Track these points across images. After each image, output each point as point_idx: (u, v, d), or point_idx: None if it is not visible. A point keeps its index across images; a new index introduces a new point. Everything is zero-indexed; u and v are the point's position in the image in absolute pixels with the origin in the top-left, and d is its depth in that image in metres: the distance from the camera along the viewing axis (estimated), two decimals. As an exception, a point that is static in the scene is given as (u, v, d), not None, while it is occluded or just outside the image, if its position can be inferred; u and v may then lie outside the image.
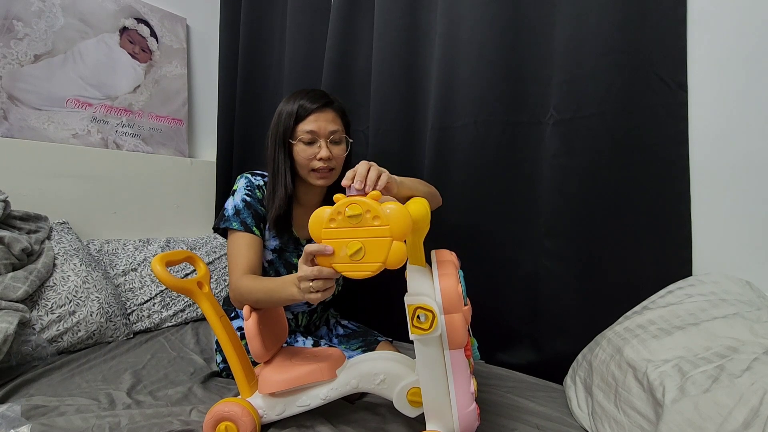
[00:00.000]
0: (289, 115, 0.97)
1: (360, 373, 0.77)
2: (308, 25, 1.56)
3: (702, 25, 0.90)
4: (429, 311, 0.65)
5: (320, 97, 0.99)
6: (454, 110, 1.20)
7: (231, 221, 0.98)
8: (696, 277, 0.89)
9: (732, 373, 0.63)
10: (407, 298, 0.67)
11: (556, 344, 1.08)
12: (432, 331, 0.65)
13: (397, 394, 0.75)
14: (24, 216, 1.22)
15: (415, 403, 0.74)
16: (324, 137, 0.97)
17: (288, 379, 0.78)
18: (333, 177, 1.01)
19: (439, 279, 0.68)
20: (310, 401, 0.79)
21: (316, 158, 0.96)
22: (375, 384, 0.76)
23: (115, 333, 1.24)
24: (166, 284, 0.77)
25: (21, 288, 1.06)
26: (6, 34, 1.35)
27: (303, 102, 0.97)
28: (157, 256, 0.79)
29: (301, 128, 0.97)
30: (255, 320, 0.79)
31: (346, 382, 0.78)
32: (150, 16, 1.70)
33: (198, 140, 1.93)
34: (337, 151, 0.99)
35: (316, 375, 0.78)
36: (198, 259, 0.88)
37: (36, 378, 0.99)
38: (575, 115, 1.02)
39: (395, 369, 0.77)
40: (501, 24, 1.12)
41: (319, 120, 0.96)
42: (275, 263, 1.04)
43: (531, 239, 1.12)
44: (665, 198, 0.94)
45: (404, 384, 0.74)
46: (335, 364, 0.80)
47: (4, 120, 1.35)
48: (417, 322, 0.65)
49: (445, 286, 0.67)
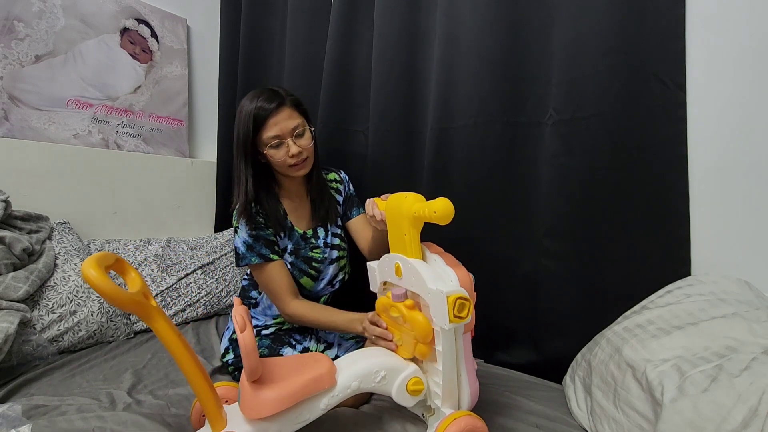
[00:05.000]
0: (246, 127, 1.00)
1: (359, 373, 0.74)
2: (308, 25, 1.57)
3: (701, 25, 0.91)
4: (466, 300, 0.69)
5: (272, 98, 1.00)
6: (454, 110, 1.20)
7: (249, 258, 1.03)
8: (695, 277, 0.89)
9: (731, 373, 0.63)
10: (444, 290, 0.68)
11: (556, 344, 1.09)
12: (467, 319, 0.70)
13: (398, 387, 0.75)
14: (25, 216, 1.23)
15: (416, 392, 0.75)
16: (288, 136, 1.01)
17: (288, 395, 0.67)
18: (309, 164, 1.07)
19: (454, 270, 0.73)
20: (309, 415, 0.70)
21: (289, 156, 1.01)
22: (376, 382, 0.75)
23: (116, 333, 1.24)
24: (109, 298, 0.57)
25: (22, 288, 1.06)
26: (7, 34, 1.35)
27: (257, 109, 0.99)
28: (89, 258, 0.58)
29: (265, 136, 1.00)
30: (251, 331, 0.66)
31: (346, 386, 0.73)
32: (150, 17, 1.70)
33: (198, 140, 1.93)
34: (303, 143, 1.03)
35: (317, 385, 0.70)
36: (129, 267, 0.68)
37: (37, 377, 0.99)
38: (574, 116, 1.02)
39: (392, 363, 0.77)
40: (501, 24, 1.12)
41: (278, 122, 0.99)
42: (296, 264, 1.09)
43: (531, 239, 1.12)
44: (664, 198, 0.94)
45: (404, 376, 0.75)
46: (332, 369, 0.73)
47: (5, 120, 1.35)
48: (456, 312, 0.68)
49: (463, 277, 0.73)
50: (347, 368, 0.75)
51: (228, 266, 1.63)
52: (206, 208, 1.89)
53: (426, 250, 0.79)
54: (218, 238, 1.71)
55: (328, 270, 1.14)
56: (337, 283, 1.17)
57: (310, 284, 1.11)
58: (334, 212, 1.19)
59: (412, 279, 0.76)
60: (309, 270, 1.10)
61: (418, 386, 0.75)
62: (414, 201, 0.75)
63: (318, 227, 1.16)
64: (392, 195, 0.83)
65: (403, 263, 0.78)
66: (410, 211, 0.74)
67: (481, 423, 0.74)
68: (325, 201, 1.17)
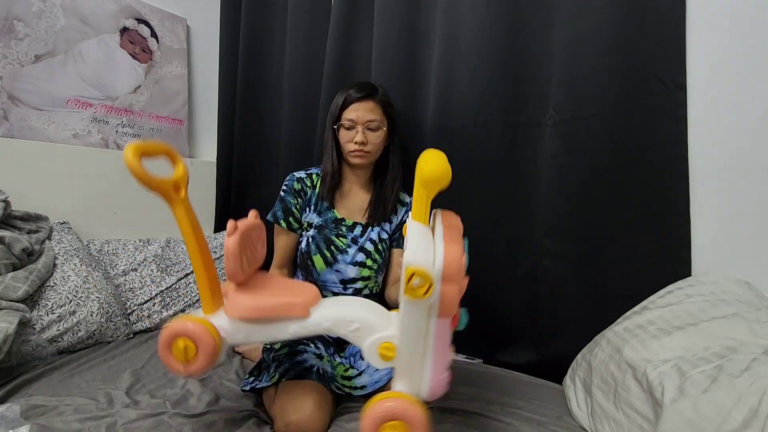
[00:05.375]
0: (336, 103, 1.13)
1: (334, 316, 0.75)
2: (308, 25, 1.57)
3: (701, 25, 0.91)
4: (427, 279, 0.62)
5: (364, 89, 1.12)
6: (454, 111, 1.20)
7: (270, 212, 1.13)
8: (695, 277, 0.89)
9: (731, 373, 0.63)
10: (406, 257, 0.63)
11: (556, 344, 1.08)
12: (425, 299, 0.63)
13: (369, 345, 0.72)
14: (24, 216, 1.23)
15: (386, 357, 0.71)
16: (361, 124, 1.09)
17: (259, 307, 0.74)
18: (368, 158, 1.12)
19: (444, 246, 0.65)
20: (276, 334, 0.76)
21: (353, 141, 1.08)
22: (348, 330, 0.73)
23: (115, 333, 1.24)
24: (139, 178, 0.67)
25: (21, 288, 1.06)
26: (6, 34, 1.35)
27: (350, 93, 1.11)
28: (131, 144, 0.67)
29: (344, 115, 1.10)
30: (238, 238, 0.72)
31: (318, 323, 0.74)
32: (150, 17, 1.70)
33: (198, 140, 1.93)
34: (372, 137, 1.10)
35: (289, 309, 0.74)
36: (178, 157, 0.78)
37: (36, 378, 0.99)
38: (575, 116, 1.02)
39: (371, 319, 0.74)
40: (501, 24, 1.12)
41: (359, 109, 1.09)
42: (316, 238, 1.11)
43: (531, 239, 1.12)
44: (664, 198, 0.94)
45: (378, 336, 0.72)
46: (310, 302, 0.76)
47: (5, 120, 1.35)
48: (411, 285, 0.63)
49: (449, 255, 0.64)
50: (326, 308, 0.76)
51: (228, 266, 1.63)
52: (206, 208, 1.89)
53: (438, 217, 0.75)
54: (218, 238, 1.71)
55: (347, 269, 1.11)
56: (350, 290, 1.12)
57: (321, 266, 1.09)
58: (380, 219, 1.16)
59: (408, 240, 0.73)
60: (325, 251, 1.10)
61: (389, 352, 0.71)
62: (423, 161, 0.70)
63: (358, 223, 1.15)
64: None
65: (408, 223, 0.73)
66: (418, 170, 0.69)
67: (417, 411, 0.66)
68: (380, 206, 1.15)
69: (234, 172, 1.89)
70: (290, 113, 1.62)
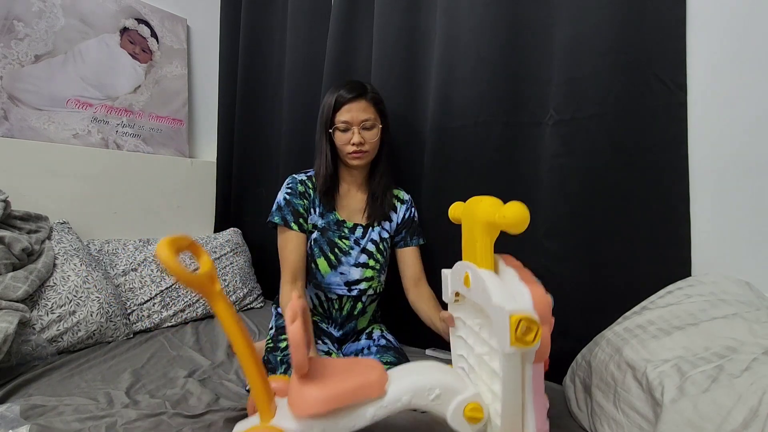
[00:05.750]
0: (328, 106, 1.10)
1: (412, 387, 0.68)
2: (308, 25, 1.57)
3: (701, 25, 0.90)
4: (534, 324, 0.60)
5: (355, 89, 1.10)
6: (454, 111, 1.20)
7: (274, 216, 1.10)
8: (695, 277, 0.89)
9: (731, 373, 0.63)
10: (503, 305, 0.61)
11: (556, 344, 1.07)
12: (534, 345, 0.60)
13: (454, 410, 0.67)
14: (24, 216, 1.23)
15: (475, 420, 0.67)
16: (356, 125, 1.07)
17: (332, 397, 0.64)
18: (366, 158, 1.11)
19: (527, 286, 0.65)
20: (354, 422, 0.66)
21: (350, 143, 1.08)
22: (429, 400, 0.67)
23: (115, 333, 1.24)
24: (178, 277, 0.62)
25: (21, 288, 1.06)
26: (6, 34, 1.35)
27: (341, 94, 1.09)
28: (164, 239, 0.64)
29: (337, 118, 1.08)
30: (302, 325, 0.64)
31: (396, 399, 0.67)
32: (150, 17, 1.70)
33: (198, 140, 1.93)
34: (368, 136, 1.09)
35: (365, 392, 0.66)
36: (201, 248, 0.73)
37: (36, 378, 0.99)
38: (575, 116, 1.02)
39: (450, 382, 0.69)
40: (500, 24, 1.12)
41: (352, 110, 1.08)
42: (319, 241, 1.11)
43: (531, 239, 1.12)
44: (664, 198, 0.94)
45: (462, 398, 0.67)
46: (383, 378, 0.69)
47: (5, 120, 1.35)
48: (519, 334, 0.60)
49: (537, 297, 0.63)
50: (399, 380, 0.69)
51: (228, 266, 1.63)
52: (206, 208, 1.89)
53: (501, 261, 0.72)
54: (218, 238, 1.71)
55: (351, 270, 1.12)
56: (355, 291, 1.13)
57: (326, 269, 1.10)
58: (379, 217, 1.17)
59: (479, 291, 0.68)
60: (329, 254, 1.10)
61: (477, 413, 0.67)
62: (488, 205, 0.69)
63: (359, 224, 1.15)
64: (470, 199, 0.78)
65: (472, 272, 0.71)
66: (482, 215, 0.69)
67: None
68: (378, 205, 1.16)
69: (234, 172, 1.89)
70: (290, 113, 1.62)
